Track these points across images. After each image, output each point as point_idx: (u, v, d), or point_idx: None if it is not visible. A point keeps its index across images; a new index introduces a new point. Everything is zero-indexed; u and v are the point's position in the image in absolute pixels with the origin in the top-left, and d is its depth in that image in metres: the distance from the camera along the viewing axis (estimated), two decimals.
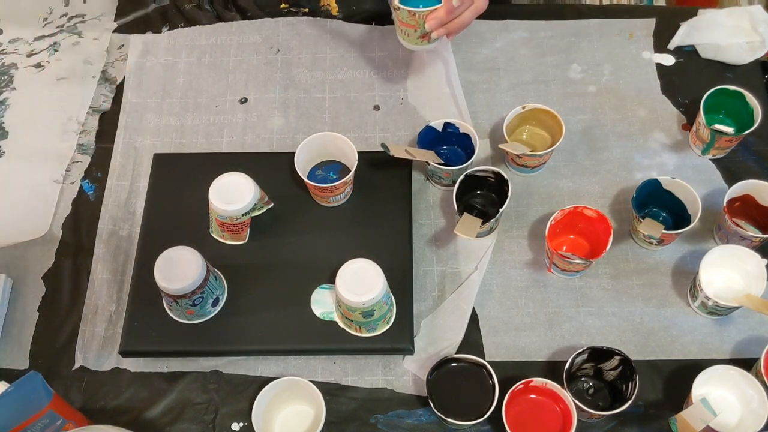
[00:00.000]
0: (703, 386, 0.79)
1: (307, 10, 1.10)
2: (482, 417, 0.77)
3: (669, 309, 0.88)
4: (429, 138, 0.94)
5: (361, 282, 0.78)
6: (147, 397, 0.86)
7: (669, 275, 0.90)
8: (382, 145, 0.88)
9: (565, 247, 0.91)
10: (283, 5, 1.11)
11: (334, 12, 1.10)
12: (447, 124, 0.93)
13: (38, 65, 1.08)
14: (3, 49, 1.10)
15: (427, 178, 0.97)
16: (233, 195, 0.85)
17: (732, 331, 0.86)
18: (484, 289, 0.90)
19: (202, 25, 1.10)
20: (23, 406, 0.73)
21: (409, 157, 0.90)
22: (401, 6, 0.88)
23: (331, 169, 0.94)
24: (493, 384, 0.79)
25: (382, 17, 1.09)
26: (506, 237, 0.93)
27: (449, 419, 0.77)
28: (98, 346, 0.88)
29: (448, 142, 0.96)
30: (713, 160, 0.96)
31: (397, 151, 0.89)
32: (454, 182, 0.90)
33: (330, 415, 0.82)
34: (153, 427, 0.84)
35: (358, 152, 0.89)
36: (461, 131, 0.93)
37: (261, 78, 1.06)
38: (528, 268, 0.91)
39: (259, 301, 0.87)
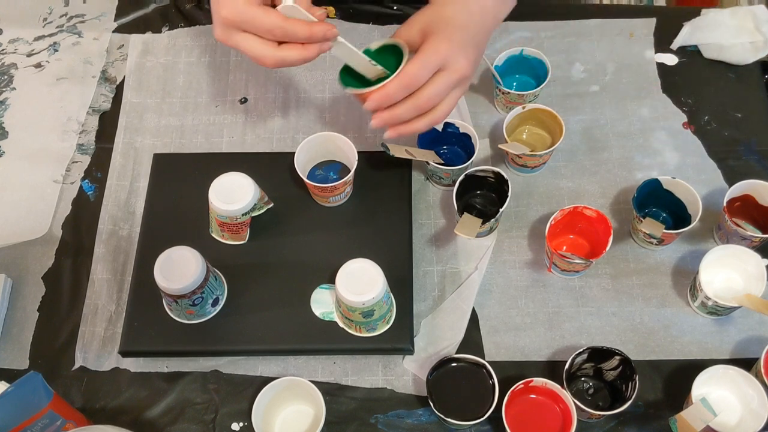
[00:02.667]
0: (703, 386, 0.79)
1: None
2: (482, 417, 0.77)
3: (669, 309, 0.88)
4: (429, 138, 0.94)
5: (361, 282, 0.78)
6: (147, 397, 0.86)
7: (669, 275, 0.90)
8: (382, 144, 0.88)
9: (565, 247, 0.91)
10: None
11: (331, 16, 1.10)
12: (447, 124, 0.93)
13: (38, 65, 1.08)
14: (3, 49, 1.10)
15: (427, 178, 0.97)
16: (233, 195, 0.85)
17: (732, 331, 0.86)
18: (484, 289, 0.90)
19: (202, 25, 1.10)
20: (23, 406, 0.73)
21: (409, 157, 0.90)
22: None
23: (331, 169, 0.94)
24: (493, 384, 0.79)
25: (381, 19, 1.09)
26: (506, 237, 0.93)
27: (449, 419, 0.77)
28: (98, 346, 0.88)
29: (448, 142, 0.96)
30: (715, 160, 0.96)
31: (397, 151, 0.89)
32: (454, 182, 0.90)
33: (330, 415, 0.82)
34: (153, 427, 0.84)
35: (358, 152, 0.89)
36: (461, 131, 0.93)
37: (261, 78, 1.06)
38: (528, 268, 0.91)
39: (259, 301, 0.87)
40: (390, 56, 0.78)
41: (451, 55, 0.76)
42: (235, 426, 0.84)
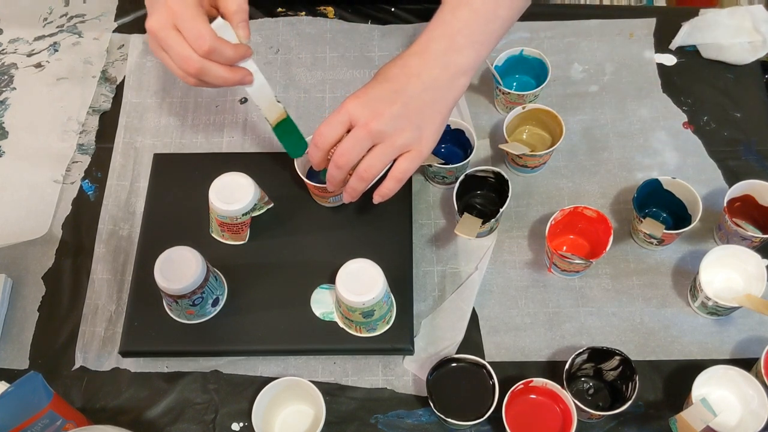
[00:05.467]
0: (703, 386, 0.79)
1: (304, 13, 1.10)
2: (482, 417, 0.77)
3: (669, 309, 0.88)
4: None
5: (361, 282, 0.78)
6: (147, 397, 0.86)
7: (669, 275, 0.90)
8: None
9: (565, 247, 0.91)
10: (279, 9, 1.11)
11: (330, 16, 1.10)
12: None
13: (38, 65, 1.08)
14: (3, 49, 1.10)
15: (427, 179, 0.97)
16: (233, 195, 0.85)
17: (732, 331, 0.86)
18: (484, 289, 0.90)
19: None
20: (23, 406, 0.73)
21: None
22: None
23: None
24: (493, 384, 0.79)
25: (380, 19, 1.09)
26: (506, 237, 0.93)
27: (449, 419, 0.77)
28: (98, 346, 0.88)
29: (443, 140, 0.95)
30: (715, 160, 0.96)
31: None
32: (457, 179, 0.90)
33: (330, 415, 0.82)
34: (153, 427, 0.84)
35: None
36: (453, 128, 0.93)
37: None
38: (528, 268, 0.91)
39: (259, 301, 0.87)
40: None
41: (356, 109, 0.74)
42: (235, 426, 0.84)
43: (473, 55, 0.78)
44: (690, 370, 0.80)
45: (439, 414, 0.78)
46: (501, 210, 0.87)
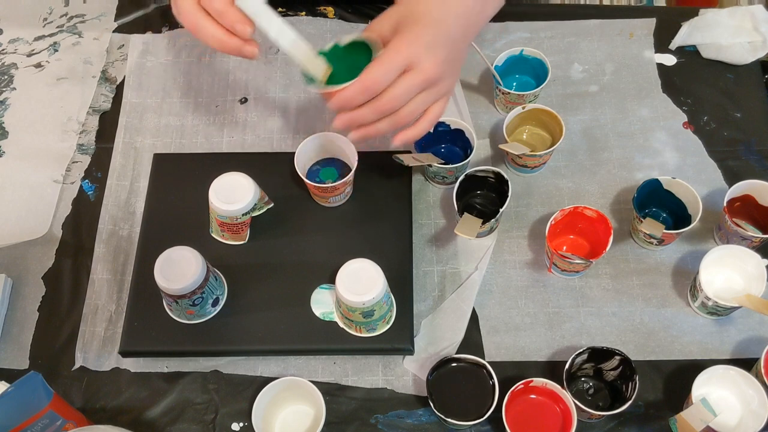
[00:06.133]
0: (703, 386, 0.79)
1: (304, 13, 1.10)
2: (482, 417, 0.77)
3: (669, 309, 0.88)
4: (423, 140, 0.94)
5: (361, 282, 0.78)
6: (147, 397, 0.86)
7: (669, 275, 0.90)
8: (395, 157, 0.89)
9: (565, 247, 0.91)
10: (279, 9, 1.11)
11: (330, 16, 1.10)
12: (438, 124, 0.92)
13: (38, 65, 1.08)
14: (3, 49, 1.10)
15: (427, 179, 0.97)
16: (233, 195, 0.85)
17: (732, 331, 0.86)
18: (484, 289, 0.90)
19: None
20: (23, 406, 0.73)
21: (418, 164, 0.90)
22: None
23: (331, 164, 0.94)
24: (493, 384, 0.79)
25: None
26: (506, 237, 0.93)
27: (449, 419, 0.77)
28: (98, 346, 0.88)
29: (443, 140, 0.96)
30: (715, 160, 0.96)
31: (408, 161, 0.89)
32: (457, 179, 0.90)
33: (330, 415, 0.82)
34: (153, 427, 0.84)
35: (358, 152, 0.89)
36: (453, 128, 0.93)
37: (261, 78, 1.06)
38: (528, 268, 0.91)
39: (259, 301, 0.87)
40: (362, 53, 0.74)
41: (415, 55, 0.70)
42: (235, 426, 0.84)
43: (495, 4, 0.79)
44: (690, 370, 0.80)
45: (439, 414, 0.78)
46: (501, 210, 0.87)
